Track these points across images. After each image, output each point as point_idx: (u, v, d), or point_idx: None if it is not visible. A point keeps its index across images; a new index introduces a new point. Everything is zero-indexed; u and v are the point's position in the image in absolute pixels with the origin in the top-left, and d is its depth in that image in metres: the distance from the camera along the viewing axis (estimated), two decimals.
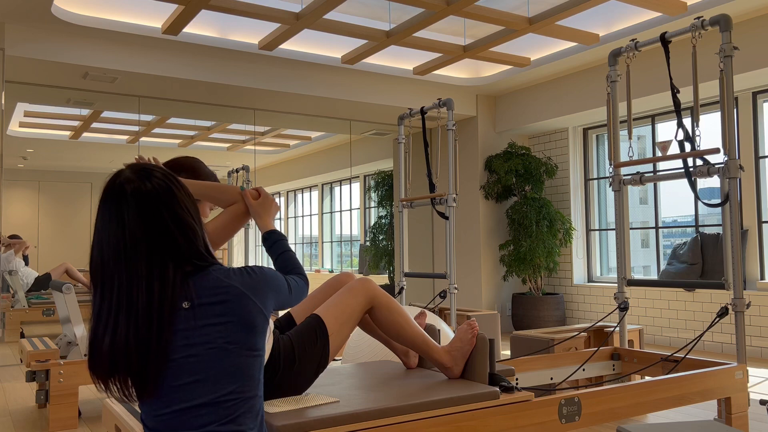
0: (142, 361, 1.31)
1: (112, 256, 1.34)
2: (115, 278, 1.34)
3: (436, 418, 2.00)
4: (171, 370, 1.34)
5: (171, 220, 1.39)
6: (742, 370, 2.93)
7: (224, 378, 1.36)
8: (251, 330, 1.41)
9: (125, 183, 1.38)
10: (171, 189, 1.42)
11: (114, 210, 1.36)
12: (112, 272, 1.34)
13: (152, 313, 1.32)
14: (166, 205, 1.39)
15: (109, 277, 1.34)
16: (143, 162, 1.60)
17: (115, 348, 1.31)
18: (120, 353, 1.31)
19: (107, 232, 1.36)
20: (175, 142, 8.32)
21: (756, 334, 5.43)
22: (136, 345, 1.31)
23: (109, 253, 1.35)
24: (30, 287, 6.90)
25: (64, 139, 7.68)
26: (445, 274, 4.53)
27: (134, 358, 1.31)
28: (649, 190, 6.55)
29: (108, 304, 1.34)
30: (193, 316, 1.35)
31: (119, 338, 1.31)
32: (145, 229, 1.36)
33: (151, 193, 1.38)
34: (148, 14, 4.99)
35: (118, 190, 1.37)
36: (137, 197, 1.37)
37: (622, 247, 3.71)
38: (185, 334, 1.34)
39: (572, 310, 7.03)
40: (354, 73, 6.31)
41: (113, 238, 1.35)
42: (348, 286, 2.17)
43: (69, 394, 3.38)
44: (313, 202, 10.71)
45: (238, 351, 1.38)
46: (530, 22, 5.00)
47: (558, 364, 3.42)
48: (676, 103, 3.35)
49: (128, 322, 1.31)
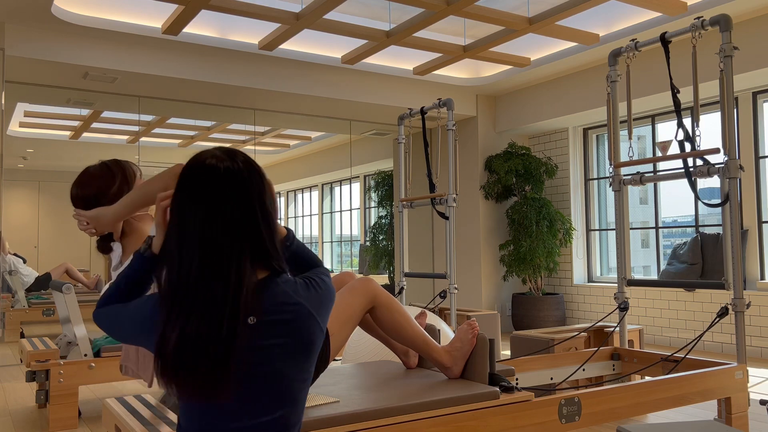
0: (209, 361, 1.20)
1: (197, 251, 1.22)
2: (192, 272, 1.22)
3: (436, 418, 2.00)
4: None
5: (260, 209, 1.28)
6: (742, 370, 2.93)
7: (274, 402, 1.26)
8: (310, 351, 1.30)
9: (217, 162, 1.27)
10: (261, 175, 1.31)
11: (206, 189, 1.25)
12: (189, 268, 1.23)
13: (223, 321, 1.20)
14: (257, 191, 1.28)
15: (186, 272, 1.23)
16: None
17: (185, 343, 1.20)
18: (188, 350, 1.20)
19: (193, 214, 1.24)
20: (175, 142, 8.32)
21: (756, 334, 5.43)
22: (204, 345, 1.20)
23: (192, 248, 1.22)
24: (30, 287, 6.90)
25: (64, 139, 7.68)
26: (445, 274, 4.53)
27: (203, 357, 1.19)
28: (649, 190, 6.55)
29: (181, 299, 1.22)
30: (258, 334, 1.23)
31: (189, 334, 1.20)
32: (239, 214, 1.25)
33: (244, 176, 1.27)
34: (148, 14, 4.99)
35: (210, 169, 1.26)
36: (231, 177, 1.26)
37: (622, 247, 3.71)
38: (244, 352, 1.22)
39: (572, 310, 7.03)
40: (354, 73, 6.31)
41: (200, 223, 1.23)
42: (349, 286, 2.17)
43: (69, 394, 3.38)
44: (313, 202, 10.71)
45: (293, 375, 1.28)
46: (530, 22, 5.00)
47: (558, 364, 3.42)
48: (676, 103, 3.35)
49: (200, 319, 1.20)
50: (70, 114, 7.15)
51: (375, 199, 9.22)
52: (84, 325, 3.61)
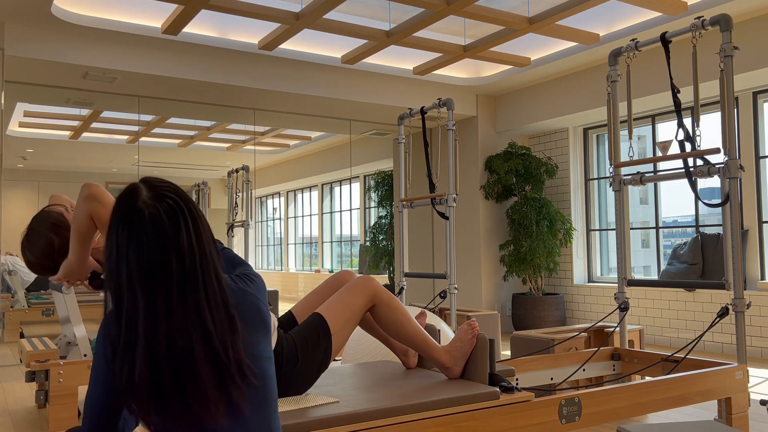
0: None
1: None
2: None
3: (436, 418, 2.00)
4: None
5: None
6: (742, 370, 2.93)
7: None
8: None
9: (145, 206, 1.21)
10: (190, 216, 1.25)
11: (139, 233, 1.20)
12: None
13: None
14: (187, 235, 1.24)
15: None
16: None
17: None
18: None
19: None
20: (174, 142, 8.32)
21: (756, 334, 5.43)
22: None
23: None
24: (29, 287, 6.91)
25: (64, 139, 7.69)
26: (445, 274, 4.53)
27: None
28: (650, 190, 6.55)
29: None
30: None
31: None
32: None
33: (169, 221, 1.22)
34: (148, 14, 4.99)
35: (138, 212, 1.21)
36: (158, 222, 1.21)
37: (623, 247, 3.71)
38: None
39: (572, 311, 7.02)
40: (354, 73, 6.31)
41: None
42: (349, 284, 2.17)
43: (69, 394, 3.38)
44: (313, 202, 10.71)
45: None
46: (530, 22, 5.00)
47: (558, 364, 3.42)
48: (676, 103, 3.35)
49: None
50: (69, 114, 7.15)
51: (375, 199, 9.22)
52: (84, 325, 3.61)
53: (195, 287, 1.17)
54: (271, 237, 11.51)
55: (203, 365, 1.15)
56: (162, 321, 1.14)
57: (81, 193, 1.73)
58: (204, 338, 1.16)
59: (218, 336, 1.17)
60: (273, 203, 11.33)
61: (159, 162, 8.45)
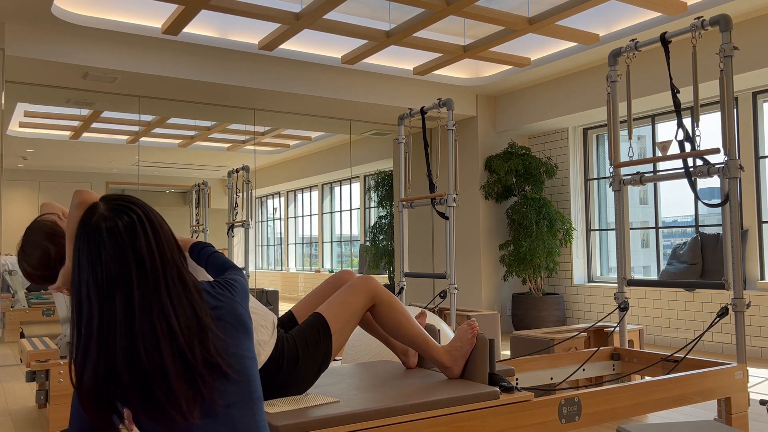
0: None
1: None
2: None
3: (436, 418, 2.00)
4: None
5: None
6: (742, 370, 2.93)
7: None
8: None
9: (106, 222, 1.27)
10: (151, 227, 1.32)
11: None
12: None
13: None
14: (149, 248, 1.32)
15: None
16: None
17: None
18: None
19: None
20: (175, 142, 8.32)
21: (756, 334, 5.43)
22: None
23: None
24: (30, 287, 6.91)
25: (64, 139, 7.69)
26: (445, 274, 4.53)
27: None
28: (649, 190, 6.55)
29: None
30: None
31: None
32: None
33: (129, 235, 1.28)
34: (148, 14, 4.99)
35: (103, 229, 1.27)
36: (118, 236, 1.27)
37: (622, 247, 3.71)
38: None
39: (572, 310, 7.03)
40: (354, 73, 6.31)
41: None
42: (350, 284, 2.17)
43: (69, 394, 3.38)
44: (313, 202, 10.71)
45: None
46: (530, 22, 5.00)
47: (558, 364, 3.42)
48: (676, 103, 3.35)
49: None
50: (70, 114, 7.15)
51: (375, 199, 9.22)
52: None
53: (157, 288, 1.22)
54: (271, 237, 11.51)
55: (171, 364, 1.19)
56: (121, 325, 1.18)
57: (73, 200, 1.75)
58: (170, 338, 1.20)
59: (184, 335, 1.21)
60: (273, 203, 11.34)
61: (159, 162, 8.45)
